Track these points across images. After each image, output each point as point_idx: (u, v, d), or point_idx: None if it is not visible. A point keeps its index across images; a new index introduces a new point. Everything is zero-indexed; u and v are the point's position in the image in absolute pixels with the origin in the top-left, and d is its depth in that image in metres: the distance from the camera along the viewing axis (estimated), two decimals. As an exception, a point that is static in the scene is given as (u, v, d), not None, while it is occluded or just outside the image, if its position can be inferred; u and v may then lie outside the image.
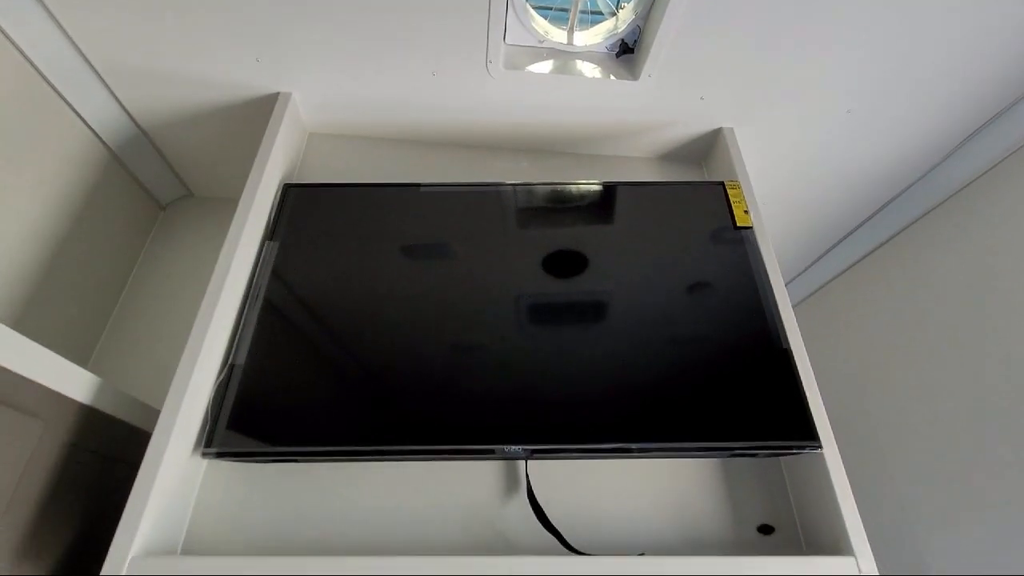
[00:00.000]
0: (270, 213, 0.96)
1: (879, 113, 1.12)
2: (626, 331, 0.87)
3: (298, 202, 0.98)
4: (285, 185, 1.00)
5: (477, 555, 0.70)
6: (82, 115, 1.05)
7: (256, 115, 1.08)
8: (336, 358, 0.84)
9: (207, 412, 0.76)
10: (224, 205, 1.33)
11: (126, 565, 0.61)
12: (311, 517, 0.76)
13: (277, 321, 0.85)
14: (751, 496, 0.82)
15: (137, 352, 1.15)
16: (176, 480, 0.71)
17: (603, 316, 0.89)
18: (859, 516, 0.73)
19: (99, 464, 0.77)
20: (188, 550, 0.72)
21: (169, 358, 0.75)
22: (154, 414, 0.71)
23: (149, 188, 1.28)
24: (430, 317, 0.87)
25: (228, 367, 0.80)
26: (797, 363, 0.82)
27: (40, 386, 0.66)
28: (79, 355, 1.13)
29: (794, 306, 1.83)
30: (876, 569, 0.70)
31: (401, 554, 0.65)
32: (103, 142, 1.13)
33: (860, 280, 1.59)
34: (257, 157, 0.96)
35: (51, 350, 0.68)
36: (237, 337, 0.82)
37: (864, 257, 1.58)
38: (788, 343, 0.84)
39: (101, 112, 1.08)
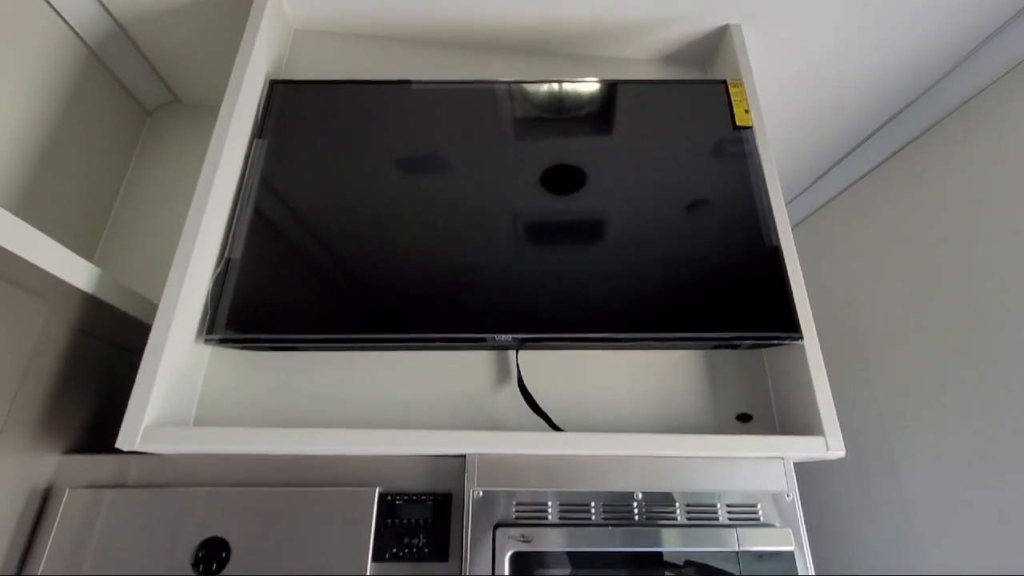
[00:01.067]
0: (257, 110, 0.93)
1: (894, 8, 1.06)
2: (620, 232, 0.87)
3: (286, 99, 0.95)
4: (271, 81, 0.97)
5: (467, 430, 0.75)
6: (54, 5, 1.00)
7: (237, 10, 1.02)
8: (329, 255, 0.85)
9: (207, 302, 0.78)
10: (212, 112, 1.28)
11: (140, 433, 0.65)
12: (315, 402, 0.81)
13: (270, 217, 0.85)
14: (732, 387, 0.86)
15: (136, 256, 1.17)
16: (182, 364, 0.74)
17: (600, 221, 0.89)
18: (832, 402, 0.77)
19: (107, 350, 0.80)
20: (199, 423, 0.77)
21: (169, 261, 0.76)
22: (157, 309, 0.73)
23: (133, 91, 1.24)
24: (424, 219, 0.87)
25: (225, 261, 0.81)
26: (785, 259, 0.83)
27: (44, 271, 0.68)
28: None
29: (797, 224, 1.83)
30: (843, 449, 0.74)
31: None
32: (81, 39, 1.08)
33: (863, 196, 1.57)
34: (240, 49, 0.92)
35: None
36: (232, 232, 0.83)
37: (868, 173, 1.55)
38: (778, 240, 0.84)
39: (75, 2, 1.02)
